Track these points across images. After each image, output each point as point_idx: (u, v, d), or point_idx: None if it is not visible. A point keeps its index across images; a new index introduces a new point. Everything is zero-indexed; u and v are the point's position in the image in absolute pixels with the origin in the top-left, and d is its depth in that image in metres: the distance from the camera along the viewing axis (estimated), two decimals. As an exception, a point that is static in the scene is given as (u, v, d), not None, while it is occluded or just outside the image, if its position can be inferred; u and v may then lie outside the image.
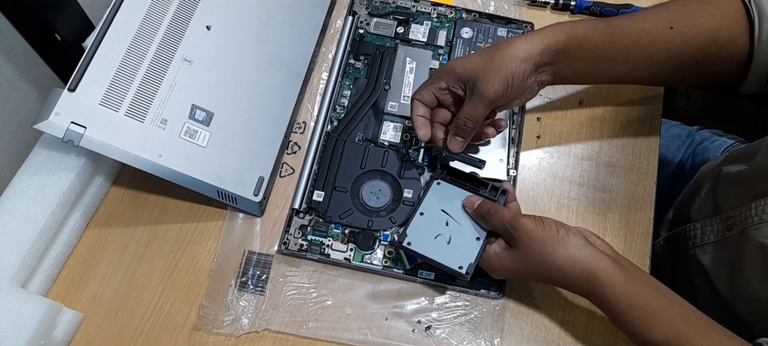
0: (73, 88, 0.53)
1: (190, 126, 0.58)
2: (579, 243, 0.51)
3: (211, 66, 0.61)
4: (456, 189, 0.59)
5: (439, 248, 0.55)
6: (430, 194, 0.59)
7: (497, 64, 0.54)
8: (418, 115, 0.59)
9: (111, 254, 0.60)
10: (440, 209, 0.57)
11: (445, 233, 0.56)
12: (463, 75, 0.56)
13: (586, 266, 0.50)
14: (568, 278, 0.52)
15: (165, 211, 0.62)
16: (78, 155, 0.57)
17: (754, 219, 0.55)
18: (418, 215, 0.57)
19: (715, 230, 0.62)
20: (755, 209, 0.56)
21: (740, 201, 0.58)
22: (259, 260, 0.60)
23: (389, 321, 0.57)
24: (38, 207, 0.55)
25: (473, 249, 0.55)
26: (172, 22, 0.59)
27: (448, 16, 0.73)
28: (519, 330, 0.58)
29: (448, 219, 0.57)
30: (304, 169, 0.63)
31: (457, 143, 0.58)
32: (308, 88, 0.69)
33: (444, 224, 0.57)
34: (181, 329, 0.57)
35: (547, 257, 0.51)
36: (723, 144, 0.80)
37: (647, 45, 0.57)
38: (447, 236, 0.56)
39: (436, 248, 0.55)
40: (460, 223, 0.57)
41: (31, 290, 0.55)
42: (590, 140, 0.68)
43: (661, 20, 0.57)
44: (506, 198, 0.57)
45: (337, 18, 0.73)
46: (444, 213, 0.57)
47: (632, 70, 0.60)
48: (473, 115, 0.56)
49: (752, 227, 0.56)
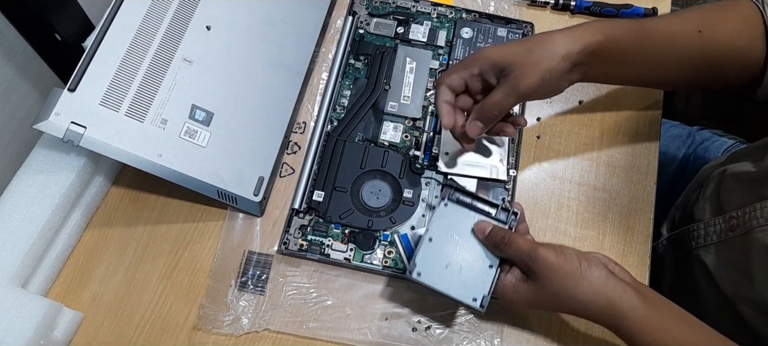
0: (73, 88, 0.53)
1: (190, 126, 0.58)
2: (602, 276, 0.49)
3: (211, 66, 0.61)
4: (464, 211, 0.55)
5: (451, 279, 0.53)
6: (437, 217, 0.55)
7: (536, 58, 0.53)
8: (444, 101, 0.56)
9: (111, 254, 0.60)
10: (449, 233, 0.54)
11: (455, 261, 0.53)
12: (499, 63, 0.54)
13: (610, 299, 0.49)
14: (591, 311, 0.50)
15: (165, 211, 0.62)
16: (78, 155, 0.57)
17: (760, 221, 0.55)
18: (426, 241, 0.54)
19: (718, 230, 0.62)
20: (761, 210, 0.55)
21: (745, 201, 0.58)
22: (259, 260, 0.60)
23: (389, 321, 0.57)
24: (38, 207, 0.55)
25: (487, 278, 0.52)
26: (172, 22, 0.59)
27: (448, 16, 0.73)
28: (519, 330, 0.58)
29: (458, 244, 0.54)
30: (304, 169, 0.63)
31: (477, 129, 0.56)
32: (308, 88, 0.69)
33: (454, 250, 0.54)
34: (181, 329, 0.57)
35: (569, 291, 0.49)
36: (724, 144, 0.80)
37: (676, 48, 0.57)
38: (458, 264, 0.53)
39: (448, 278, 0.53)
40: (471, 248, 0.54)
41: (31, 290, 0.55)
42: (590, 140, 0.68)
43: (690, 24, 0.57)
44: (517, 219, 0.55)
45: (337, 18, 0.73)
46: (453, 238, 0.54)
47: (656, 73, 0.60)
48: (502, 104, 0.54)
49: (757, 228, 0.55)
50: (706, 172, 0.71)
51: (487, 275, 0.53)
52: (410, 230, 0.61)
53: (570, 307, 0.51)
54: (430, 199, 0.62)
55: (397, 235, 0.60)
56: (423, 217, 0.61)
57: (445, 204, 0.56)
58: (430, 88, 0.68)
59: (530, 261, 0.50)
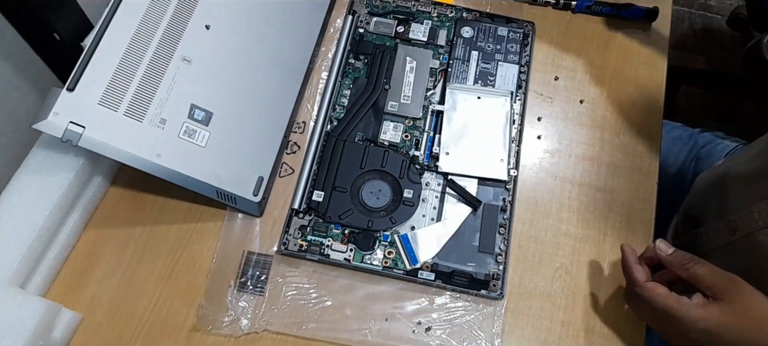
0: (72, 88, 0.53)
1: (189, 126, 0.58)
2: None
3: (210, 65, 0.60)
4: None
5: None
6: None
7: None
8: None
9: (110, 255, 0.60)
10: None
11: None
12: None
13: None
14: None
15: (164, 211, 0.62)
16: (77, 155, 0.57)
17: (758, 223, 0.55)
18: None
19: (720, 234, 0.61)
20: (758, 212, 0.55)
21: (744, 203, 0.58)
22: (259, 260, 0.59)
23: (389, 322, 0.57)
24: (37, 207, 0.54)
25: None
26: (171, 21, 0.59)
27: (449, 15, 0.73)
28: (519, 331, 0.58)
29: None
30: (303, 169, 0.63)
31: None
32: (308, 88, 0.68)
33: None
34: (180, 329, 0.57)
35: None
36: (726, 147, 0.80)
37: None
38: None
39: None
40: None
41: (30, 290, 0.55)
42: (591, 140, 0.67)
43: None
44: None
45: (337, 17, 0.73)
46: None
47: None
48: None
49: (759, 231, 0.55)
50: (706, 176, 0.71)
51: None
52: (410, 230, 0.60)
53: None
54: (431, 200, 0.62)
55: (397, 235, 0.60)
56: (423, 217, 0.61)
57: None
58: (430, 88, 0.68)
59: (730, 281, 0.49)
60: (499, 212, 0.61)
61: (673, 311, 0.50)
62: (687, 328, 0.49)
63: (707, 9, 1.72)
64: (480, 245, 0.60)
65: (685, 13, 1.70)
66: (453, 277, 0.58)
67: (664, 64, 0.72)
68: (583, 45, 0.73)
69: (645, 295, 0.52)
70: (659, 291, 0.51)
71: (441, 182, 0.63)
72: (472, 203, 0.61)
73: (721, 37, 1.67)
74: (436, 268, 0.59)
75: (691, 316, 0.49)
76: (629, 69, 0.72)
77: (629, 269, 0.54)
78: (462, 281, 0.58)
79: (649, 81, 0.71)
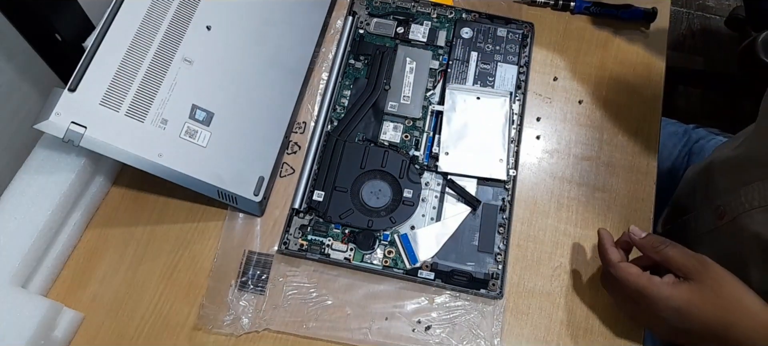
0: (74, 88, 0.53)
1: (191, 126, 0.58)
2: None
3: (211, 66, 0.61)
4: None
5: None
6: None
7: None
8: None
9: (111, 254, 0.60)
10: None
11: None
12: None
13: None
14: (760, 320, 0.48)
15: (165, 211, 0.62)
16: (78, 155, 0.57)
17: (745, 206, 0.56)
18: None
19: (708, 219, 0.62)
20: (744, 196, 0.56)
21: (730, 188, 0.59)
22: (260, 259, 0.60)
23: (389, 321, 0.57)
24: (38, 207, 0.55)
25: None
26: (172, 22, 0.59)
27: (448, 16, 0.73)
28: (519, 330, 0.58)
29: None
30: (304, 169, 0.63)
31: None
32: (308, 88, 0.69)
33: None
34: (181, 329, 0.57)
35: (740, 295, 0.48)
36: (719, 143, 0.80)
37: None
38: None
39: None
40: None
41: (32, 290, 0.55)
42: (590, 140, 0.68)
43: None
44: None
45: (337, 18, 0.73)
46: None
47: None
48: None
49: (744, 214, 0.56)
50: (693, 168, 0.72)
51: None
52: (410, 229, 0.61)
53: (735, 313, 0.49)
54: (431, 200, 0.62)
55: (397, 235, 0.60)
56: (423, 217, 0.61)
57: None
58: (430, 88, 0.68)
59: (699, 262, 0.50)
60: (499, 212, 0.62)
61: (644, 289, 0.51)
62: (658, 306, 0.50)
63: (705, 10, 1.72)
64: (479, 244, 0.60)
65: (683, 13, 1.71)
66: (452, 276, 0.59)
67: (662, 64, 0.73)
68: (582, 46, 0.74)
69: (618, 274, 0.53)
70: (631, 270, 0.53)
71: (440, 182, 0.63)
72: (472, 203, 0.62)
73: (719, 37, 1.67)
74: (435, 267, 0.59)
75: (662, 294, 0.50)
76: (628, 69, 0.72)
77: (604, 250, 0.56)
78: (461, 281, 0.58)
79: (647, 81, 0.71)
